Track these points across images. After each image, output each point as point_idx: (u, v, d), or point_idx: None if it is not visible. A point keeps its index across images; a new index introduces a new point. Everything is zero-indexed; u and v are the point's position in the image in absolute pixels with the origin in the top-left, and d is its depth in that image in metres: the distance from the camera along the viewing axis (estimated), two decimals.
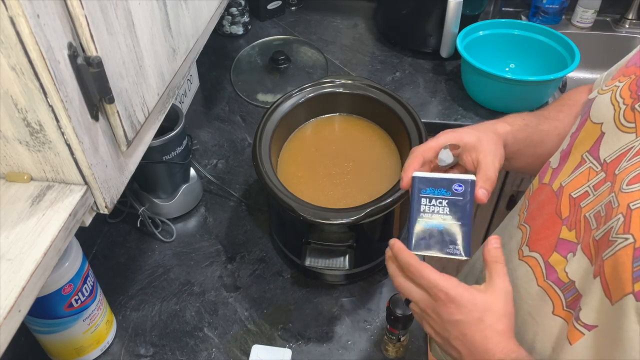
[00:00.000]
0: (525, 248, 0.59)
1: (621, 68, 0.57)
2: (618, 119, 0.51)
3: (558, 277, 0.53)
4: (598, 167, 0.52)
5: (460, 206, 0.54)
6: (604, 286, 0.46)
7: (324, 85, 0.90)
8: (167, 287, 0.89)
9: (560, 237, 0.54)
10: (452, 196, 0.55)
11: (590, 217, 0.51)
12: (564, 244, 0.54)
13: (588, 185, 0.52)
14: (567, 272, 0.52)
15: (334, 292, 0.87)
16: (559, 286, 0.53)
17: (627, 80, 0.53)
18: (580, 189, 0.53)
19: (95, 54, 0.45)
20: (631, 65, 0.55)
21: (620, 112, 0.51)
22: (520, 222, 0.63)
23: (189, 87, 1.21)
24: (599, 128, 0.54)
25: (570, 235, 0.53)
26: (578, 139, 0.57)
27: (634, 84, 0.52)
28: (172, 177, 0.94)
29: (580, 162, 0.55)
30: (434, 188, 0.55)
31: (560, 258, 0.53)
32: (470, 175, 0.56)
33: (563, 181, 0.56)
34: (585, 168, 0.54)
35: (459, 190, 0.55)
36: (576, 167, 0.55)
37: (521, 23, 1.21)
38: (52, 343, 0.74)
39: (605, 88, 0.56)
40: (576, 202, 0.53)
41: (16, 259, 0.43)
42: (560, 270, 0.53)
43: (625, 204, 0.45)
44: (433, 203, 0.55)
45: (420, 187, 0.55)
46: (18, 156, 0.47)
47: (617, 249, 0.44)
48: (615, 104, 0.53)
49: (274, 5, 1.47)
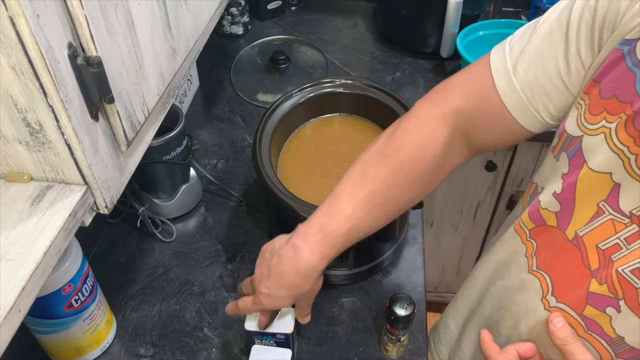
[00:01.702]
0: (551, 298, 0.56)
1: (594, 96, 0.51)
2: (631, 168, 0.48)
3: (603, 331, 0.52)
4: (625, 219, 0.49)
5: (284, 342, 0.73)
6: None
7: (324, 85, 0.90)
8: (167, 287, 0.89)
9: (589, 291, 0.52)
10: (276, 339, 0.73)
11: (626, 273, 0.49)
12: (596, 297, 0.52)
13: (618, 238, 0.50)
14: (614, 328, 0.51)
15: (334, 292, 0.87)
16: (605, 340, 0.52)
17: (618, 120, 0.48)
18: (607, 241, 0.50)
19: (95, 54, 0.45)
20: (610, 97, 0.49)
21: (630, 161, 0.48)
22: (532, 267, 0.59)
23: (189, 87, 1.21)
24: (609, 178, 0.49)
25: (601, 289, 0.51)
26: (581, 185, 0.52)
27: (630, 126, 0.47)
28: (172, 177, 0.94)
29: (598, 211, 0.51)
30: (263, 336, 0.73)
31: (597, 312, 0.52)
32: (289, 328, 0.71)
33: (579, 230, 0.53)
34: (607, 219, 0.50)
35: (281, 337, 0.72)
36: (593, 216, 0.51)
37: (521, 23, 1.21)
38: (52, 343, 0.74)
39: (591, 127, 0.51)
40: (606, 255, 0.51)
41: (16, 259, 0.43)
42: (605, 325, 0.51)
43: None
44: (264, 343, 0.74)
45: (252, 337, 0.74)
46: (18, 156, 0.47)
47: None
48: (620, 153, 0.48)
49: (274, 5, 1.47)
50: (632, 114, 0.47)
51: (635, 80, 0.47)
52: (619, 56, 0.48)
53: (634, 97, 0.47)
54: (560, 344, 0.52)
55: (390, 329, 0.74)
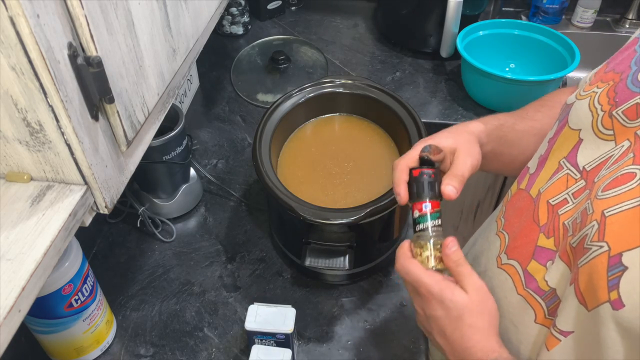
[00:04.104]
0: (504, 256, 0.58)
1: (599, 73, 0.56)
2: (596, 125, 0.51)
3: (538, 285, 0.53)
4: (577, 174, 0.51)
5: (284, 342, 0.72)
6: (578, 294, 0.46)
7: (324, 85, 0.90)
8: (167, 287, 0.89)
9: (537, 245, 0.53)
10: (276, 339, 0.73)
11: (568, 224, 0.50)
12: (542, 251, 0.53)
13: (567, 193, 0.52)
14: (547, 281, 0.52)
15: (334, 292, 0.87)
16: (539, 295, 0.53)
17: (606, 86, 0.52)
18: (558, 196, 0.53)
19: (95, 54, 0.45)
20: (609, 70, 0.54)
21: (598, 118, 0.51)
22: (499, 229, 0.62)
23: (189, 87, 1.21)
24: (577, 134, 0.53)
25: (548, 243, 0.52)
26: (556, 145, 0.56)
27: (612, 90, 0.51)
28: (172, 177, 0.94)
29: (558, 168, 0.54)
30: (263, 336, 0.73)
31: (538, 266, 0.53)
32: (289, 328, 0.71)
33: (541, 187, 0.56)
34: (563, 175, 0.53)
35: (281, 337, 0.71)
36: (553, 173, 0.54)
37: (521, 23, 1.21)
38: (52, 343, 0.74)
39: (584, 93, 0.55)
40: (554, 209, 0.53)
41: (16, 259, 0.43)
42: (540, 279, 0.53)
43: (600, 211, 0.45)
44: (264, 342, 0.74)
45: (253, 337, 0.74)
46: (18, 156, 0.47)
47: (592, 257, 0.44)
48: (594, 110, 0.52)
49: (274, 5, 1.47)
50: (618, 81, 0.51)
51: (633, 58, 0.51)
52: (635, 42, 0.54)
53: (626, 69, 0.51)
54: (453, 266, 0.54)
55: (414, 206, 0.58)
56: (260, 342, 0.73)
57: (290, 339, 0.72)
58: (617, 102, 0.50)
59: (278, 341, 0.72)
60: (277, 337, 0.72)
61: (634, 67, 0.50)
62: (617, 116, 0.49)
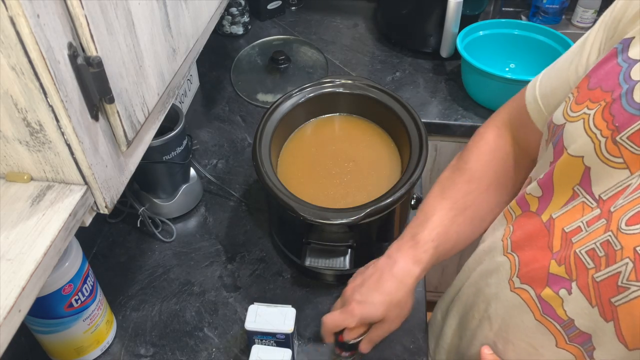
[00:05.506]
0: (516, 280, 0.58)
1: (582, 88, 0.54)
2: (601, 152, 0.49)
3: (556, 313, 0.53)
4: (593, 203, 0.50)
5: (284, 341, 0.73)
6: (618, 332, 0.46)
7: (324, 85, 0.90)
8: (167, 287, 0.89)
9: (550, 272, 0.53)
10: (276, 339, 0.73)
11: (582, 254, 0.50)
12: (555, 279, 0.53)
13: (581, 221, 0.51)
14: (565, 310, 0.52)
15: (334, 292, 0.87)
16: (558, 323, 0.53)
17: (598, 107, 0.51)
18: (573, 224, 0.52)
19: (95, 54, 0.45)
20: (595, 87, 0.52)
21: (600, 145, 0.49)
22: (506, 250, 0.61)
23: (189, 87, 1.21)
24: (581, 162, 0.51)
25: (559, 271, 0.52)
26: (558, 170, 0.55)
27: (607, 112, 0.49)
28: (172, 177, 0.94)
29: (573, 195, 0.53)
30: (263, 336, 0.73)
31: (553, 294, 0.53)
32: (289, 328, 0.71)
33: (554, 213, 0.55)
34: (579, 202, 0.52)
35: (281, 337, 0.72)
36: (568, 200, 0.53)
37: (521, 23, 1.21)
38: (52, 343, 0.74)
39: (573, 115, 0.53)
40: (568, 237, 0.52)
41: (16, 259, 0.43)
42: (558, 307, 0.52)
43: (631, 248, 0.44)
44: (264, 342, 0.74)
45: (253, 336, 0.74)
46: (18, 156, 0.47)
47: (632, 297, 0.44)
48: (593, 136, 0.50)
49: (274, 5, 1.47)
50: (610, 101, 0.50)
51: (620, 73, 0.50)
52: (614, 53, 0.52)
53: (616, 87, 0.50)
54: None
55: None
56: (260, 342, 0.73)
57: (290, 339, 0.72)
58: (618, 126, 0.48)
59: (278, 341, 0.72)
60: (277, 337, 0.71)
61: (624, 85, 0.49)
62: (623, 142, 0.47)
